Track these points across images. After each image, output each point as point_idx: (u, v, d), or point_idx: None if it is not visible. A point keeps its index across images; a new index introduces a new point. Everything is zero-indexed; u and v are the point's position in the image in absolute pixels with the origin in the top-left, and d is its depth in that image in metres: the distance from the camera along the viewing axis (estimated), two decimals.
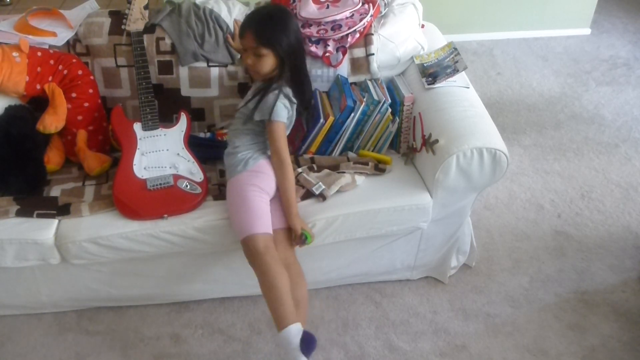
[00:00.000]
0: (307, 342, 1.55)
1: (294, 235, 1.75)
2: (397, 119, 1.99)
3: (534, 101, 3.13)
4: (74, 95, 1.96)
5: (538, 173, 2.64)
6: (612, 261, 2.22)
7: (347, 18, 2.03)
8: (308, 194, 1.83)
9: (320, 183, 1.83)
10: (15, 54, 1.88)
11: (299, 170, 1.88)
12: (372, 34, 2.05)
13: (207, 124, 2.14)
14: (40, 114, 1.92)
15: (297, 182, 1.83)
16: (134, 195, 1.78)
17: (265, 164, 1.78)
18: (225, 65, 2.09)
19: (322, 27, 2.02)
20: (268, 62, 1.73)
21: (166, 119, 2.05)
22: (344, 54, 2.03)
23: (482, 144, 1.75)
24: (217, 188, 1.89)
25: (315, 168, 1.91)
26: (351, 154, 2.00)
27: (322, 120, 1.92)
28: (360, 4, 2.05)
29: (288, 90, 1.78)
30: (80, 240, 1.73)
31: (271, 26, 1.72)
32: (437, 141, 1.81)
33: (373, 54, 2.05)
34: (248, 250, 1.67)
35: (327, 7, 2.06)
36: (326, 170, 1.89)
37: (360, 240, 1.88)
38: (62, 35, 2.05)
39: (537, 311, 2.04)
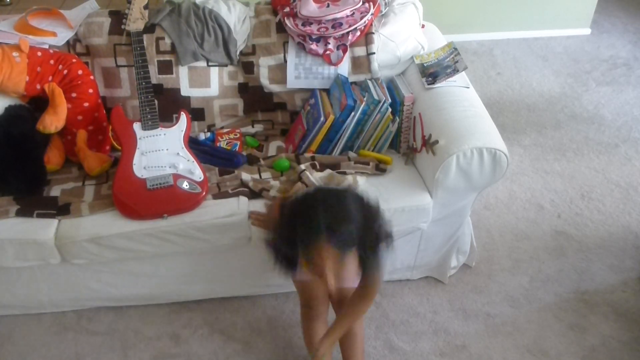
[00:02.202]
0: None
1: (313, 355, 1.61)
2: (397, 119, 1.98)
3: (534, 101, 3.13)
4: (74, 95, 1.96)
5: (538, 173, 2.64)
6: (612, 261, 2.22)
7: (347, 16, 2.03)
8: None
9: (323, 185, 1.82)
10: (15, 54, 1.88)
11: (302, 167, 1.87)
12: (373, 33, 2.05)
13: (207, 123, 2.14)
14: (40, 114, 1.92)
15: (300, 180, 1.82)
16: (134, 195, 1.78)
17: None
18: (225, 65, 2.08)
19: (323, 25, 2.02)
20: (355, 262, 1.32)
21: (166, 118, 2.05)
22: (344, 52, 2.03)
23: (482, 144, 1.75)
24: (216, 187, 1.89)
25: (318, 166, 1.91)
26: (351, 154, 1.99)
27: (322, 118, 1.92)
28: (361, 2, 2.05)
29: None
30: (80, 240, 1.73)
31: (340, 218, 1.25)
32: (437, 141, 1.81)
33: (374, 53, 2.05)
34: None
35: (328, 5, 2.06)
36: (328, 170, 1.88)
37: None
38: (62, 35, 2.05)
39: (537, 311, 2.04)
